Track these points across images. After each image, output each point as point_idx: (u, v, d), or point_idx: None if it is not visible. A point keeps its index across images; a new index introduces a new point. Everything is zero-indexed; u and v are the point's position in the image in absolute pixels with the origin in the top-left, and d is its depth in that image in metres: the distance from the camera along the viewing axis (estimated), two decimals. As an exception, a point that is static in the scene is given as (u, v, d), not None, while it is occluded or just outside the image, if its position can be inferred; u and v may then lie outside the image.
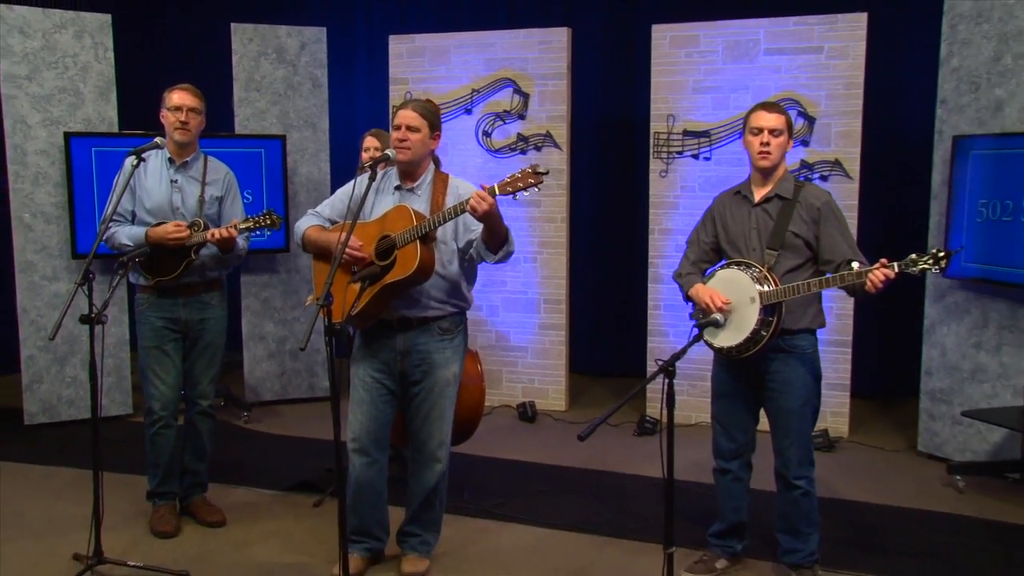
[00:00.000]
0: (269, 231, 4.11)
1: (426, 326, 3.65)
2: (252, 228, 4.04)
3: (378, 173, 3.61)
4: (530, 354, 6.41)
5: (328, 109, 6.53)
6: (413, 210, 3.48)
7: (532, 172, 3.23)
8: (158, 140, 4.08)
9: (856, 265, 3.27)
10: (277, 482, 4.87)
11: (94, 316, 3.58)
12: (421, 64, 6.40)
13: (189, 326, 4.21)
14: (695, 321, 3.54)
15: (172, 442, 4.24)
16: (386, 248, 3.49)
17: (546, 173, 3.26)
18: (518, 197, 3.29)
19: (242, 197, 4.42)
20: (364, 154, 4.56)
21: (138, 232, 4.06)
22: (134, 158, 3.97)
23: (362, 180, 3.56)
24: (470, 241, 3.58)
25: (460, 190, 3.63)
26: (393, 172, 3.72)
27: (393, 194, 3.67)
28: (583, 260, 7.00)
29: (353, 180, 3.74)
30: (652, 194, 6.00)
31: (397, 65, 6.44)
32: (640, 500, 4.64)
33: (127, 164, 4.03)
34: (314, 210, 3.83)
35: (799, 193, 3.56)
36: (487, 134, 6.33)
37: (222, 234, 3.99)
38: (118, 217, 4.13)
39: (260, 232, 4.10)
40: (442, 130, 3.71)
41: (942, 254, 3.07)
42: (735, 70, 5.73)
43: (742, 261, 3.55)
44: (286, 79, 6.36)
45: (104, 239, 4.06)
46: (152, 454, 4.24)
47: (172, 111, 4.10)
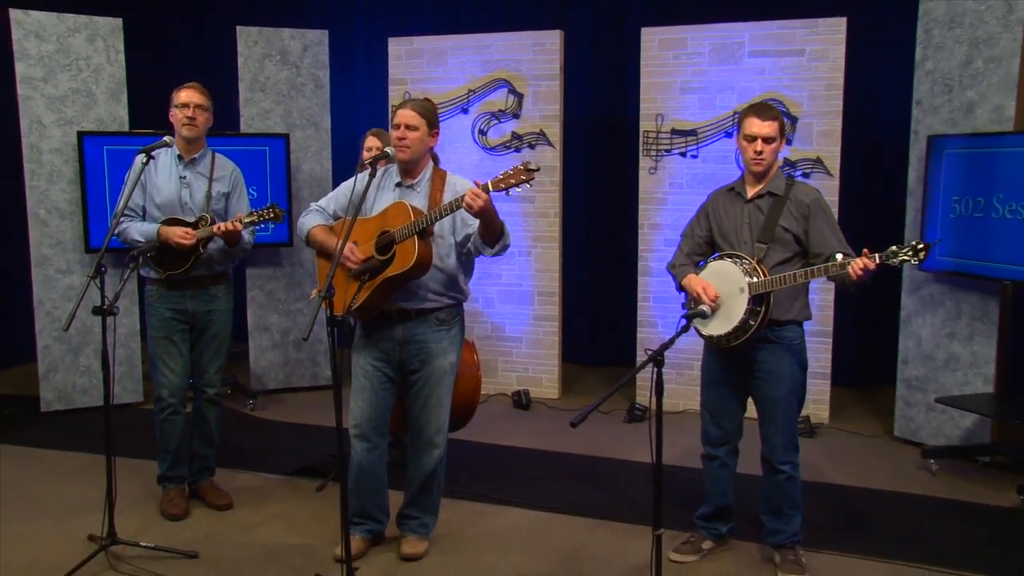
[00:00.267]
0: (273, 224, 4.11)
1: (424, 317, 3.64)
2: (256, 222, 4.03)
3: (378, 170, 3.60)
4: (524, 344, 6.40)
5: (330, 108, 6.50)
6: (411, 206, 3.46)
7: (524, 169, 3.22)
8: (167, 139, 4.06)
9: (840, 257, 3.26)
10: (281, 467, 4.86)
11: (106, 308, 3.56)
12: (419, 65, 6.37)
13: (196, 317, 4.20)
14: (685, 311, 3.54)
15: (181, 428, 4.23)
16: (386, 243, 3.48)
17: (537, 169, 3.24)
18: (511, 193, 3.28)
19: (248, 193, 4.40)
20: (366, 153, 4.54)
21: (150, 228, 4.05)
22: (144, 156, 3.95)
23: (363, 177, 3.54)
24: (468, 235, 3.57)
25: (457, 187, 3.61)
26: (394, 169, 3.70)
27: (393, 190, 3.65)
28: (575, 254, 6.99)
29: (354, 177, 3.73)
30: (642, 190, 5.98)
31: (396, 66, 6.41)
32: (630, 484, 4.64)
33: (137, 161, 4.01)
34: (317, 204, 3.81)
35: (790, 190, 3.56)
36: (483, 132, 6.31)
37: (227, 227, 3.98)
38: (129, 212, 4.11)
39: (264, 226, 4.09)
40: (440, 128, 3.69)
41: (921, 246, 3.07)
42: (721, 71, 5.71)
43: (733, 253, 3.54)
44: (289, 80, 6.34)
45: (116, 234, 4.05)
46: (162, 440, 4.23)
47: (179, 108, 4.09)
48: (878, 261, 3.13)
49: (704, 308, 3.47)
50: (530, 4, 7.15)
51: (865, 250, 3.18)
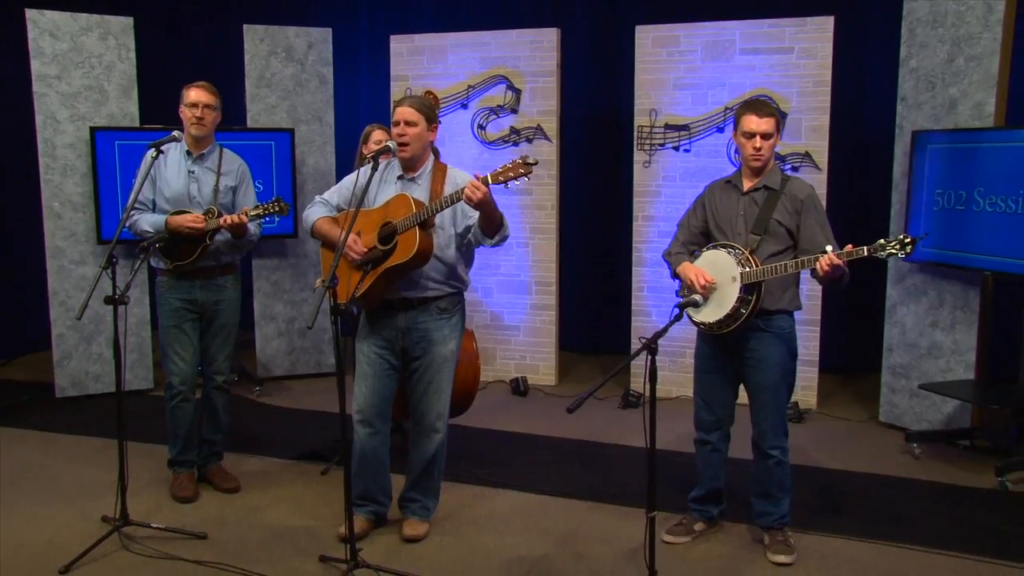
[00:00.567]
0: (278, 217, 4.08)
1: (426, 306, 3.63)
2: (262, 215, 4.01)
3: (381, 164, 3.59)
4: (522, 333, 6.39)
5: (334, 104, 6.48)
6: (413, 198, 3.45)
7: (522, 163, 3.21)
8: (176, 134, 4.04)
9: (830, 249, 3.25)
10: (287, 451, 4.85)
11: (118, 298, 3.54)
12: (420, 62, 6.34)
13: (205, 307, 4.19)
14: (679, 299, 3.53)
15: (190, 414, 4.23)
16: (388, 234, 3.46)
17: (535, 163, 3.23)
18: (509, 186, 3.27)
19: (254, 187, 4.38)
20: (375, 146, 4.51)
21: (158, 219, 4.04)
22: (154, 150, 3.93)
23: (365, 170, 3.53)
24: (468, 227, 3.56)
25: (458, 179, 3.60)
26: (396, 163, 3.68)
27: (395, 183, 3.64)
28: (572, 245, 6.97)
29: (356, 170, 3.71)
30: (636, 183, 5.96)
31: (398, 63, 6.38)
32: (624, 468, 4.63)
33: (147, 156, 3.98)
34: (322, 197, 3.79)
35: (785, 185, 3.55)
36: (482, 127, 6.28)
37: (234, 220, 3.97)
38: (139, 205, 4.09)
39: (270, 219, 4.07)
40: (439, 122, 3.67)
41: (908, 240, 3.06)
42: (713, 68, 5.69)
43: (727, 243, 3.53)
44: (295, 76, 6.31)
45: (127, 226, 4.03)
46: (172, 425, 4.22)
47: (189, 107, 4.07)
48: (867, 254, 3.12)
49: (697, 297, 3.47)
50: (528, 2, 7.11)
51: (849, 246, 3.18)
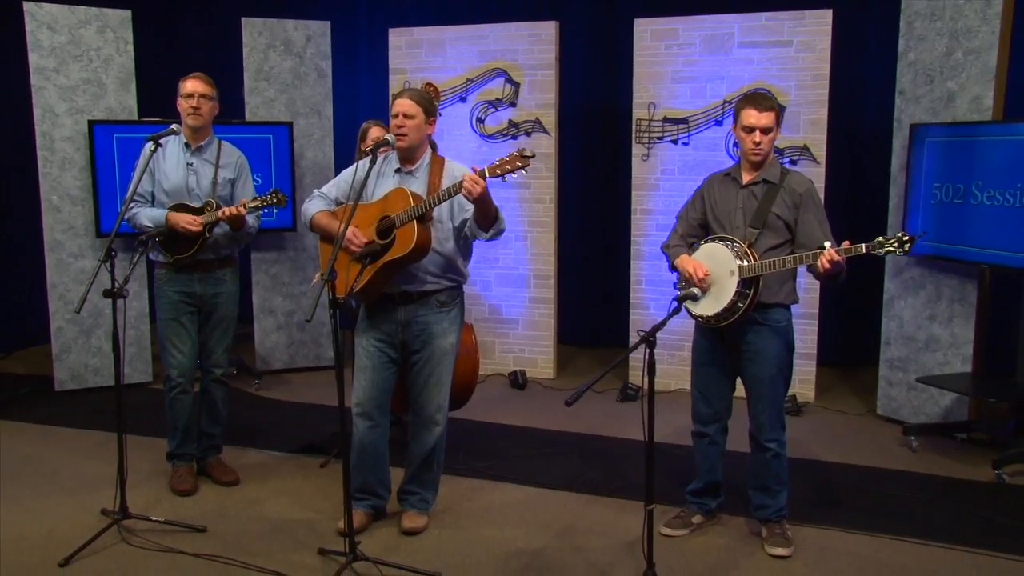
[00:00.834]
0: (276, 210, 4.07)
1: (425, 299, 3.62)
2: (260, 207, 4.00)
3: (379, 157, 3.57)
4: (521, 326, 6.38)
5: (332, 97, 6.46)
6: (411, 192, 3.44)
7: (519, 155, 3.19)
8: (174, 127, 4.02)
9: (828, 245, 3.24)
10: (286, 444, 4.85)
11: (116, 291, 3.54)
12: (419, 55, 6.32)
13: (204, 300, 4.18)
14: (677, 292, 3.52)
15: (189, 407, 4.22)
16: (386, 227, 3.45)
17: (532, 156, 3.21)
18: (507, 179, 3.26)
19: (252, 179, 4.37)
20: (372, 143, 4.50)
21: (158, 214, 4.02)
22: (152, 143, 3.92)
23: (364, 164, 3.51)
24: (464, 220, 3.54)
25: (455, 172, 3.58)
26: (393, 156, 3.67)
27: (393, 176, 3.62)
28: (570, 238, 6.96)
29: (355, 164, 3.70)
30: (634, 176, 5.95)
31: (396, 56, 6.36)
32: (623, 461, 4.63)
33: (145, 149, 3.97)
34: (320, 191, 3.77)
35: (784, 179, 3.53)
36: (480, 120, 6.26)
37: (232, 212, 3.95)
38: (138, 198, 4.08)
39: (268, 211, 4.06)
40: (437, 115, 3.65)
41: (906, 238, 3.04)
42: (711, 61, 5.67)
43: (725, 237, 3.51)
44: (293, 70, 6.28)
45: (126, 219, 4.01)
46: (171, 418, 4.22)
47: (185, 98, 4.06)
48: (865, 251, 3.11)
49: (695, 291, 3.46)
50: (526, -4, 7.09)
51: (846, 242, 3.16)
